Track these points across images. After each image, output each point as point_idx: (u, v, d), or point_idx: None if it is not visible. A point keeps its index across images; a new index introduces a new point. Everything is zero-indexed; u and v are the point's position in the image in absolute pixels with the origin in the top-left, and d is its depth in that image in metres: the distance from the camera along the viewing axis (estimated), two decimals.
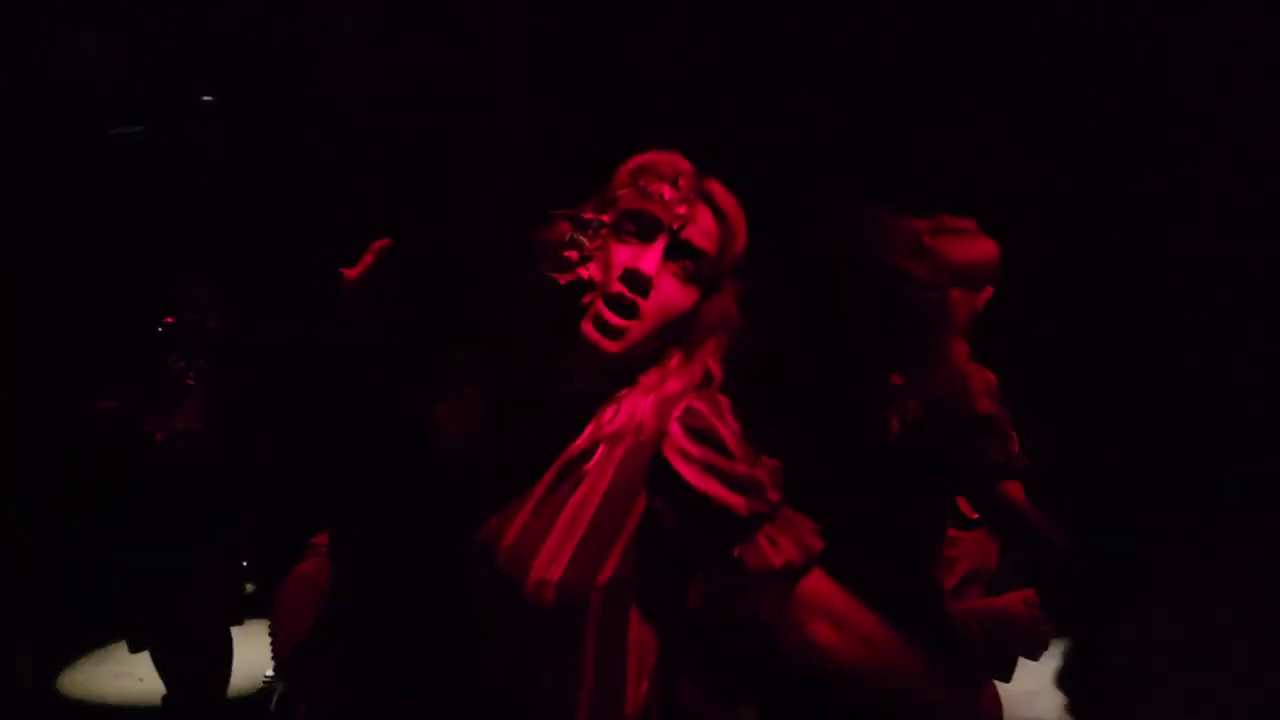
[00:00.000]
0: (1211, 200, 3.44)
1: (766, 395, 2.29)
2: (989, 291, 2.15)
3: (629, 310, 1.12)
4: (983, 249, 2.11)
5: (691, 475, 1.05)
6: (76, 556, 2.90)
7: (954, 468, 1.91)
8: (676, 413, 1.11)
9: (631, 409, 1.14)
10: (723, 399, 1.14)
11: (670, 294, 1.15)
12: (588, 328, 1.12)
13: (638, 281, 1.12)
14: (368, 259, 2.24)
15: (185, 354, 2.76)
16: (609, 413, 1.14)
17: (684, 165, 1.20)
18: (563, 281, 1.15)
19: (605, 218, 1.16)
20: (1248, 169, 3.36)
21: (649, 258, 1.13)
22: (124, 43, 3.66)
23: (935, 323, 1.91)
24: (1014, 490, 1.94)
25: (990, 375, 1.99)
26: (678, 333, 1.19)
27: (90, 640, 3.63)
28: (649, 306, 1.13)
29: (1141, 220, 3.54)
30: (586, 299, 1.12)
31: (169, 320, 2.75)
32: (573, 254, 1.15)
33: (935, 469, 1.90)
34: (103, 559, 2.88)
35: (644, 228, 1.14)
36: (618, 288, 1.11)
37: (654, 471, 1.08)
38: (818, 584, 1.08)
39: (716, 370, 1.21)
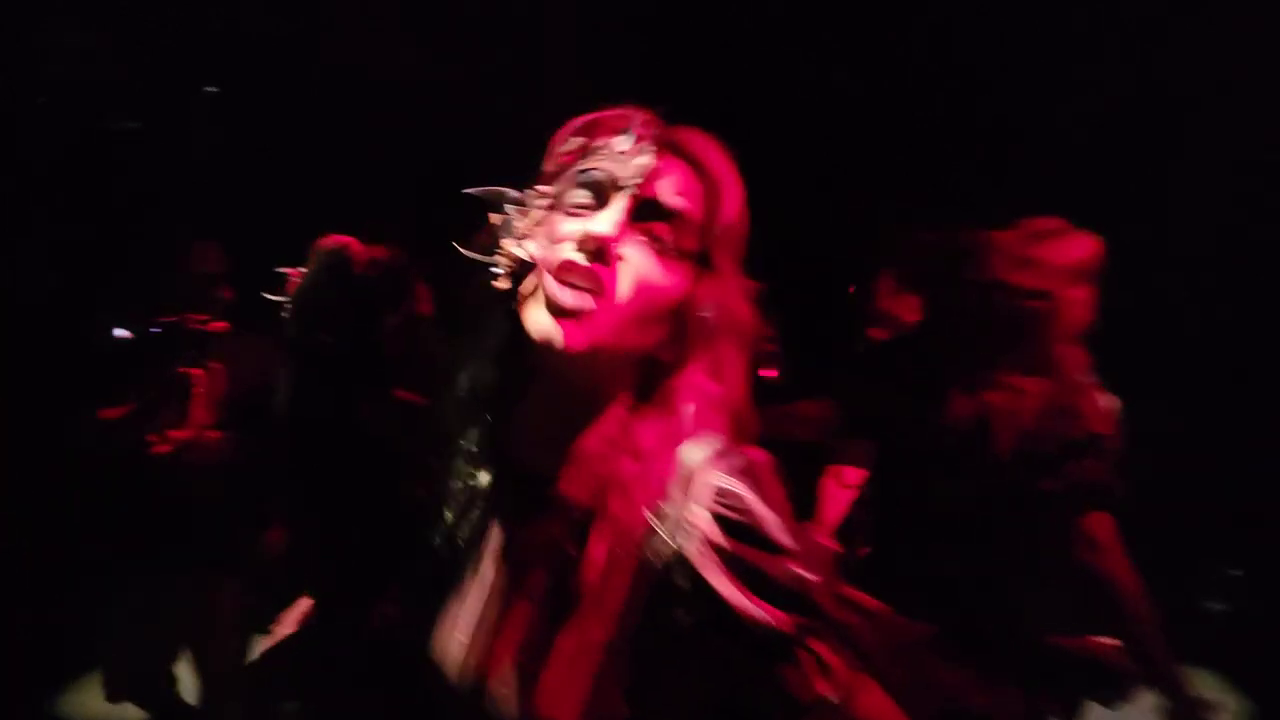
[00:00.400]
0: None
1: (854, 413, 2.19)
2: (1094, 287, 2.01)
3: (587, 280, 0.85)
4: (1085, 245, 1.97)
5: (725, 586, 0.81)
6: (73, 578, 2.62)
7: (1056, 483, 1.83)
8: (704, 486, 0.84)
9: (646, 482, 0.85)
10: (760, 458, 0.88)
11: (645, 268, 0.87)
12: (531, 315, 0.86)
13: (592, 248, 0.85)
14: (310, 261, 2.10)
15: (190, 355, 2.50)
16: (616, 499, 0.85)
17: (641, 115, 0.92)
18: (499, 278, 0.89)
19: (545, 190, 0.92)
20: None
21: (604, 218, 0.86)
22: (126, 34, 3.58)
23: (1046, 331, 1.89)
24: (1103, 526, 1.85)
25: (1113, 399, 1.90)
26: (678, 337, 0.91)
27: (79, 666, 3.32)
28: (617, 282, 0.85)
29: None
30: (525, 286, 0.88)
31: (171, 319, 2.48)
32: (504, 242, 0.90)
33: (1040, 483, 1.83)
34: (103, 585, 2.57)
35: (598, 192, 0.89)
36: (565, 257, 0.85)
37: (675, 575, 0.83)
38: (865, 700, 0.86)
39: (744, 398, 0.92)
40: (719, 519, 0.83)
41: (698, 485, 0.85)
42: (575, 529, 0.86)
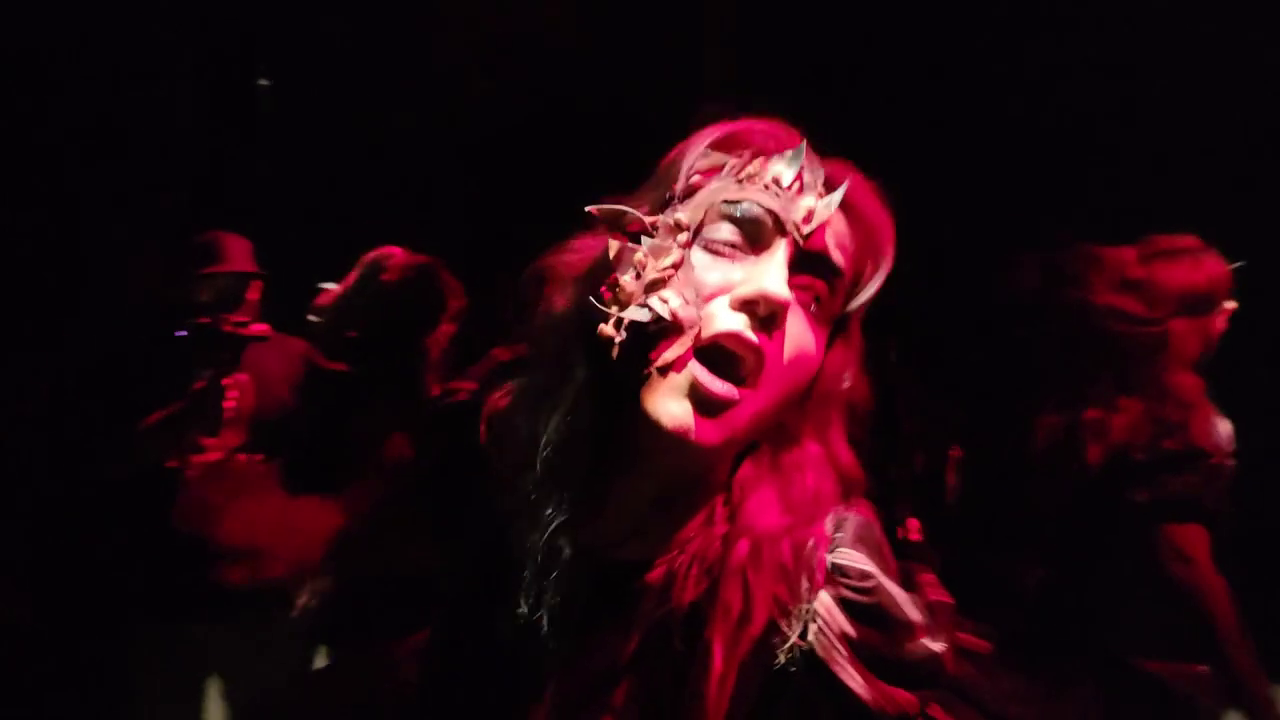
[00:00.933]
0: None
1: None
2: (1227, 310, 1.93)
3: (737, 369, 0.72)
4: (1208, 269, 1.89)
5: (855, 681, 0.72)
6: (92, 623, 2.28)
7: (1147, 493, 1.78)
8: (828, 569, 0.75)
9: (764, 568, 0.74)
10: (869, 516, 0.80)
11: (802, 340, 0.75)
12: (663, 401, 0.71)
13: (763, 314, 0.71)
14: (353, 274, 1.94)
15: (226, 362, 2.15)
16: (732, 590, 0.74)
17: (793, 138, 0.78)
18: (610, 327, 0.72)
19: (681, 219, 0.74)
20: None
21: (776, 274, 0.71)
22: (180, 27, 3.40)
23: (1151, 356, 1.83)
24: (1194, 539, 1.79)
25: (1226, 423, 1.85)
26: (801, 407, 0.80)
27: None
28: (773, 361, 0.72)
29: None
30: (661, 353, 0.71)
31: (203, 321, 2.12)
32: (623, 278, 0.73)
33: (1130, 492, 1.79)
34: (126, 631, 2.20)
35: (752, 232, 0.74)
36: (723, 330, 0.71)
37: (799, 670, 0.73)
38: None
39: (850, 456, 0.82)
40: (846, 604, 0.75)
41: (821, 568, 0.76)
42: (680, 623, 0.75)
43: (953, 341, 2.57)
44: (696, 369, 0.71)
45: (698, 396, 0.71)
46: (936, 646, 0.76)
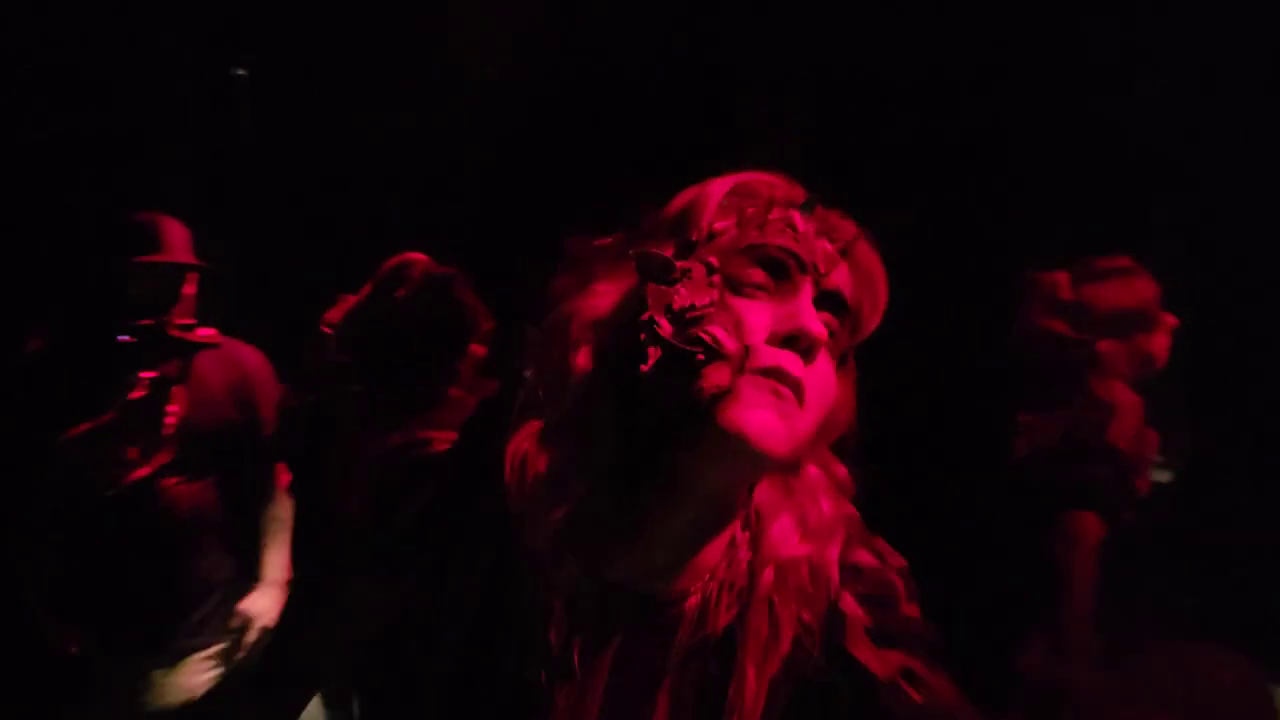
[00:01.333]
0: None
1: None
2: (1165, 326, 1.99)
3: (796, 389, 0.79)
4: (1137, 291, 1.95)
5: (876, 663, 0.82)
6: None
7: (1056, 481, 1.86)
8: (845, 573, 0.86)
9: (788, 589, 0.83)
10: (856, 514, 0.90)
11: (826, 373, 0.84)
12: (746, 416, 0.76)
13: (804, 347, 0.79)
14: (369, 285, 1.85)
15: (173, 369, 1.93)
16: (760, 616, 0.82)
17: (796, 189, 0.87)
18: (651, 364, 0.77)
19: (711, 261, 0.82)
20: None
21: (809, 311, 0.80)
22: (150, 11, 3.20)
23: (1081, 375, 1.89)
24: (1085, 525, 1.83)
25: (1151, 433, 1.91)
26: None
27: None
28: (814, 389, 0.81)
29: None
30: (712, 380, 0.76)
31: (147, 322, 1.90)
32: (660, 317, 0.79)
33: (1043, 481, 1.86)
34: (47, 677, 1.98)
35: (777, 273, 0.82)
36: (771, 357, 0.78)
37: (828, 676, 0.83)
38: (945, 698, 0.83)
39: (849, 480, 0.91)
40: (861, 596, 0.85)
41: (840, 576, 0.85)
42: (713, 649, 0.83)
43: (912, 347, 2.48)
44: (755, 386, 0.77)
45: (771, 403, 0.77)
46: (912, 610, 0.87)
